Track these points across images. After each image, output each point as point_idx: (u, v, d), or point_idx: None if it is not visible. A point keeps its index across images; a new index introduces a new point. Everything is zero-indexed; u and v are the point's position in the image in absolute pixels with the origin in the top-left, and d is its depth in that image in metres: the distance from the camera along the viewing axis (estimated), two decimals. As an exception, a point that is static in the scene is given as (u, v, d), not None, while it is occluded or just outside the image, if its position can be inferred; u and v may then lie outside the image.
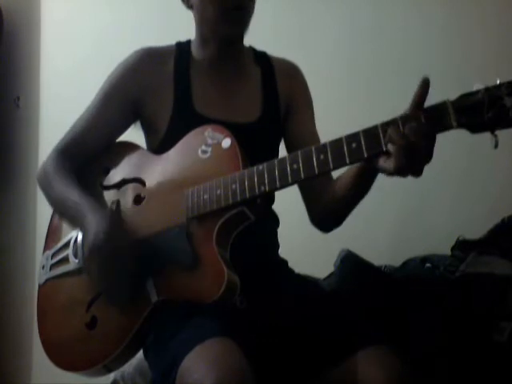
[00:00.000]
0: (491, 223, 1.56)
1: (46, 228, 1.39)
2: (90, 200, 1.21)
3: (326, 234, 1.34)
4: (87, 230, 1.16)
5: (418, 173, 0.93)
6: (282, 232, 1.36)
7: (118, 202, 1.24)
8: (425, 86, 0.93)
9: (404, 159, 0.90)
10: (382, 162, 0.94)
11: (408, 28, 2.00)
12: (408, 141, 0.89)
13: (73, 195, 1.23)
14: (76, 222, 1.23)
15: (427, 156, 0.91)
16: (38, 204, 2.58)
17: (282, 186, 1.04)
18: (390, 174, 0.94)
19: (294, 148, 1.22)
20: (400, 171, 0.92)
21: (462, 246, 1.56)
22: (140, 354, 1.21)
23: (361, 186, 1.14)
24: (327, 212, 1.28)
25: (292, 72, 1.40)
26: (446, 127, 0.89)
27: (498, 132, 0.87)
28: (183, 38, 1.37)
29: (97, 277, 1.16)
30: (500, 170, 1.77)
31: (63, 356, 1.24)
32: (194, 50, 1.34)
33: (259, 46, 1.42)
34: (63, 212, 1.29)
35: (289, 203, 1.40)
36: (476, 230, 1.57)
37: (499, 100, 0.85)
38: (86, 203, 1.20)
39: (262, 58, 1.39)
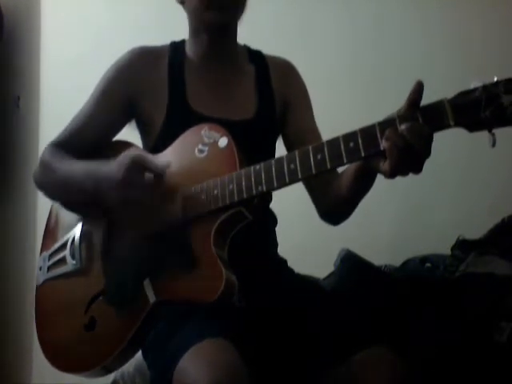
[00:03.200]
0: (491, 223, 1.57)
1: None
2: (100, 163, 1.19)
3: (326, 234, 1.34)
4: (107, 175, 1.13)
5: (418, 170, 0.92)
6: (281, 231, 1.36)
7: None
8: (419, 87, 0.92)
9: (402, 159, 0.90)
10: (382, 164, 0.94)
11: (408, 28, 2.00)
12: (405, 141, 0.88)
13: (81, 165, 1.21)
14: (88, 185, 1.17)
15: (425, 154, 0.90)
16: (38, 204, 2.58)
17: (280, 186, 1.03)
18: (390, 175, 0.93)
19: (295, 145, 1.22)
20: (399, 171, 0.92)
21: (462, 246, 1.56)
22: (140, 354, 1.20)
23: (362, 185, 1.14)
24: (333, 206, 1.27)
25: (287, 70, 1.39)
26: (444, 126, 0.88)
27: (497, 131, 0.87)
28: (182, 38, 1.37)
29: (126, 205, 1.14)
30: (500, 170, 1.77)
31: (62, 357, 1.24)
32: (188, 49, 1.34)
33: (260, 46, 1.41)
34: (71, 190, 1.22)
35: (289, 202, 1.40)
36: (476, 230, 1.57)
37: (497, 98, 0.83)
38: (97, 164, 1.18)
39: (256, 56, 1.38)
